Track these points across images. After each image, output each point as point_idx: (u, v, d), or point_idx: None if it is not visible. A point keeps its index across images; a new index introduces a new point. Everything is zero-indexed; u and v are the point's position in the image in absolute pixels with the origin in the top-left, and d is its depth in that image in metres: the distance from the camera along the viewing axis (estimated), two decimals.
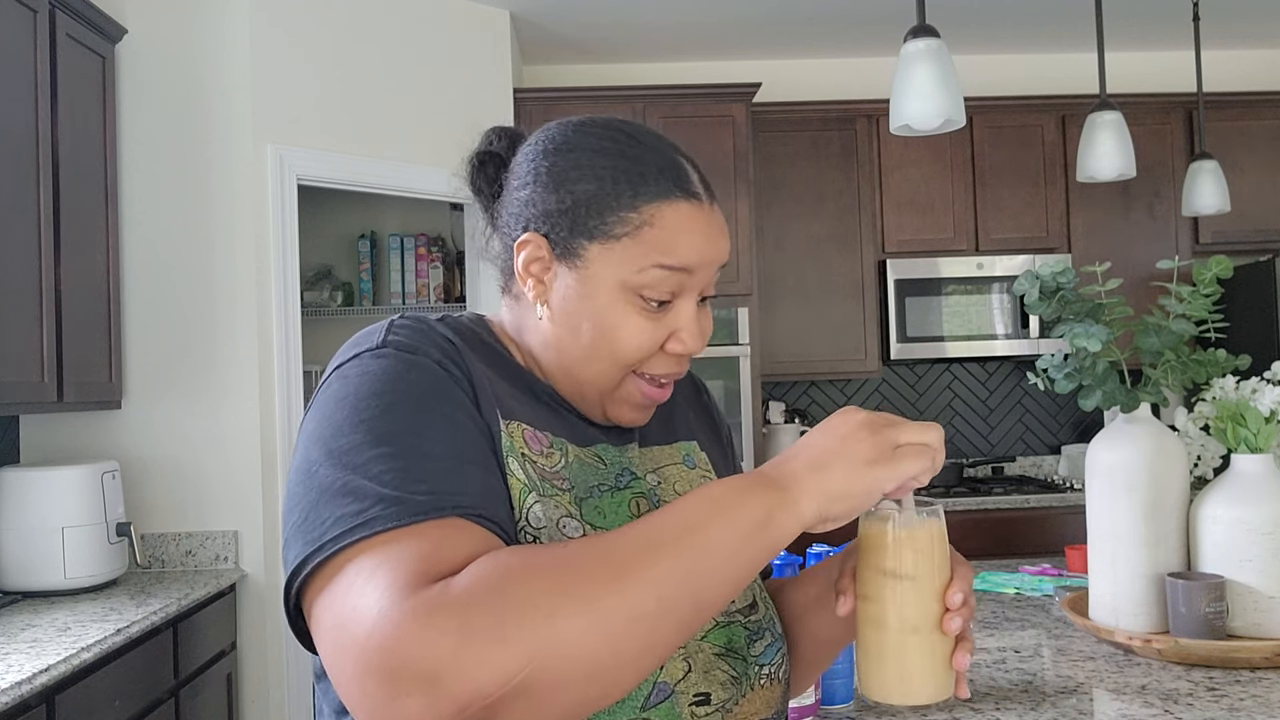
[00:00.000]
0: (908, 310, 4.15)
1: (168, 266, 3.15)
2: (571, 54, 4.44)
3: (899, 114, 2.21)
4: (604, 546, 0.69)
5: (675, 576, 0.68)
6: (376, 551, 0.68)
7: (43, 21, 2.63)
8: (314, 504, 0.73)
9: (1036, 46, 4.53)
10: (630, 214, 0.86)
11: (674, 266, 0.86)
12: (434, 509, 0.71)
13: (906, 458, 0.75)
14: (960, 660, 0.81)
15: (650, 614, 0.67)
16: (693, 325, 0.88)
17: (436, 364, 0.81)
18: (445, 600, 0.65)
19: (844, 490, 0.74)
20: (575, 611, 0.65)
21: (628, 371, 0.88)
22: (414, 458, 0.74)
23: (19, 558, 2.65)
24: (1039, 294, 1.83)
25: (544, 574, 0.66)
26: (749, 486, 0.73)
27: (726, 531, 0.71)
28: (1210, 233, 4.29)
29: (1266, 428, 1.73)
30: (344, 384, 0.80)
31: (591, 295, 0.86)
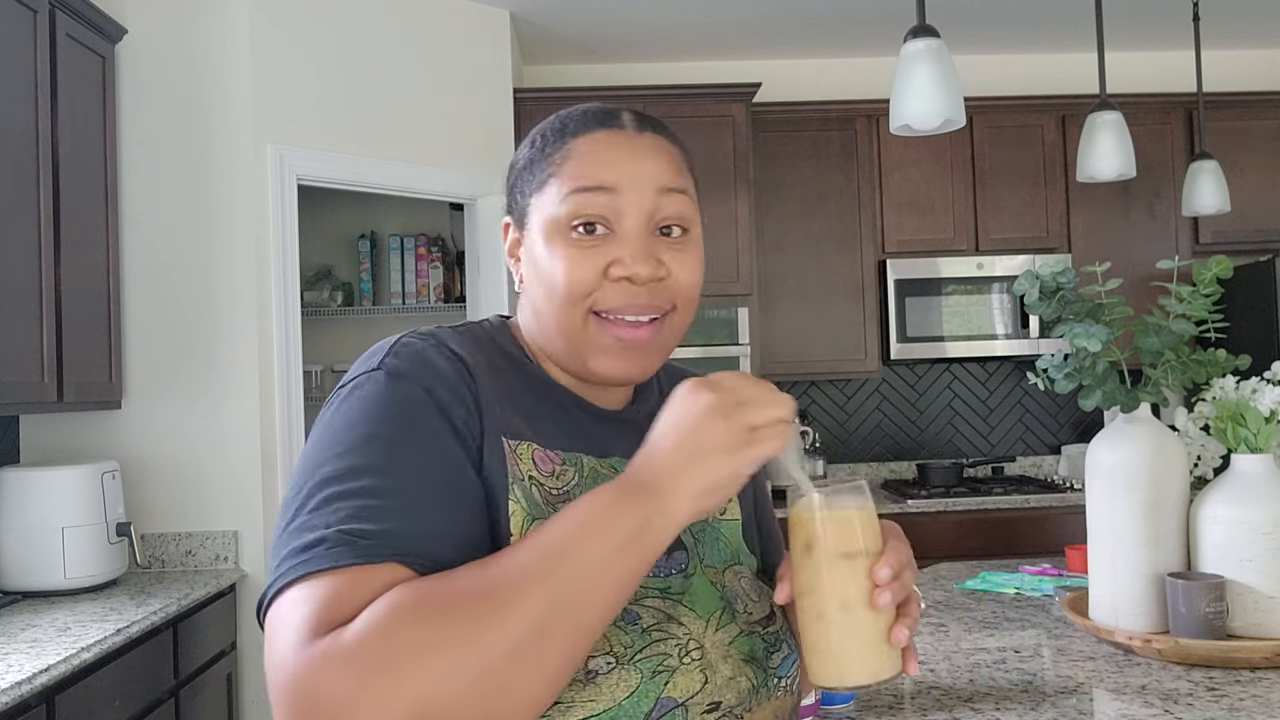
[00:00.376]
0: (908, 310, 4.15)
1: (168, 266, 3.15)
2: (571, 54, 4.44)
3: (899, 114, 2.21)
4: (485, 578, 0.70)
5: (551, 604, 0.69)
6: (303, 592, 0.71)
7: (43, 21, 2.63)
8: (281, 533, 0.76)
9: (1036, 46, 4.53)
10: (553, 155, 0.88)
11: (589, 186, 0.85)
12: (369, 553, 0.72)
13: (764, 440, 0.75)
14: (897, 634, 0.80)
15: (530, 644, 0.68)
16: (635, 247, 0.86)
17: (426, 392, 0.80)
18: (338, 647, 0.67)
19: (710, 486, 0.75)
20: (457, 651, 0.67)
21: (585, 312, 0.86)
22: (370, 496, 0.75)
23: (19, 558, 2.65)
24: (1039, 294, 1.83)
25: (429, 614, 0.68)
26: (619, 499, 0.74)
27: (600, 550, 0.71)
28: (1210, 233, 4.29)
29: (1266, 428, 1.73)
30: (337, 408, 0.82)
31: (536, 244, 0.88)
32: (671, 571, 0.88)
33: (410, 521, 0.75)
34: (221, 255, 3.17)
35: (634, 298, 0.86)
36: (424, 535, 0.75)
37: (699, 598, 0.88)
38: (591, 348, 0.87)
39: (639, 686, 0.79)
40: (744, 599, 0.92)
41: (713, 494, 0.75)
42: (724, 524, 0.97)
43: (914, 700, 1.53)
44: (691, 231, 0.92)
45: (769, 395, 0.76)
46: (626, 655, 0.80)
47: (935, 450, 4.57)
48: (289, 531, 0.75)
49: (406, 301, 4.44)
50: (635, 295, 0.86)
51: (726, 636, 0.87)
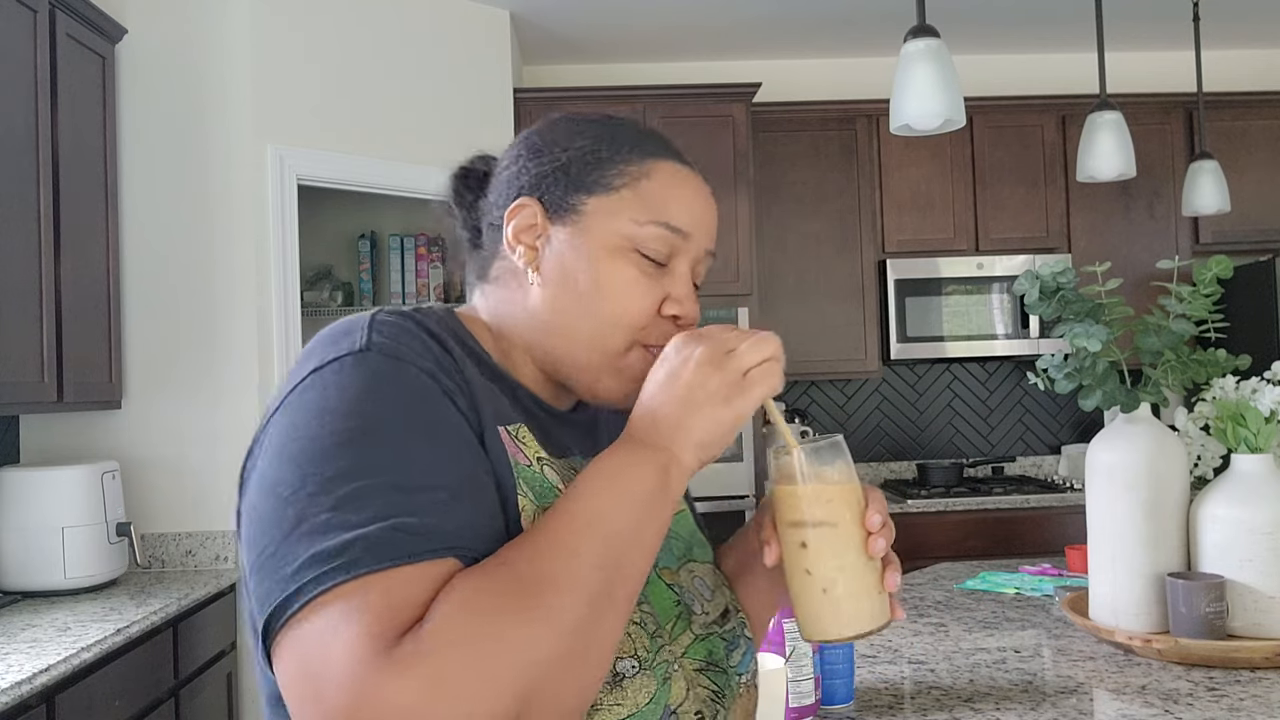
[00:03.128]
0: (908, 310, 4.15)
1: (168, 266, 3.15)
2: (571, 54, 4.44)
3: (899, 114, 2.21)
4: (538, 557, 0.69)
5: (606, 569, 0.70)
6: (349, 598, 0.64)
7: (43, 21, 2.63)
8: (287, 535, 0.67)
9: (1036, 46, 4.53)
10: (628, 166, 0.85)
11: (673, 227, 0.84)
12: (421, 549, 0.66)
13: (758, 382, 0.76)
14: (891, 580, 0.82)
15: (598, 609, 0.69)
16: (690, 290, 0.86)
17: (426, 374, 0.75)
18: (423, 652, 0.62)
19: (712, 436, 0.76)
20: (544, 627, 0.66)
21: (630, 340, 0.84)
22: (399, 489, 0.68)
23: (19, 558, 2.65)
24: (1039, 294, 1.83)
25: (502, 598, 0.65)
26: (634, 456, 0.75)
27: (633, 509, 0.73)
28: (1210, 233, 4.29)
29: (1266, 428, 1.73)
30: (322, 393, 0.73)
31: (590, 248, 0.84)
32: None
33: (447, 514, 0.69)
34: (221, 255, 3.17)
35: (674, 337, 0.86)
36: (463, 528, 0.70)
37: (657, 605, 0.86)
38: (615, 372, 0.85)
39: (655, 692, 0.79)
40: (700, 598, 0.90)
41: (714, 444, 0.76)
42: (678, 516, 0.95)
43: (914, 700, 1.53)
44: None
45: (755, 338, 0.78)
46: (648, 659, 0.80)
47: (935, 450, 4.57)
48: (299, 535, 0.66)
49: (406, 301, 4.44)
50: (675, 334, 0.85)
51: (678, 648, 0.85)
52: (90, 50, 2.91)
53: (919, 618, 2.03)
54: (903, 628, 1.96)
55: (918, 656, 1.76)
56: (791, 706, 1.44)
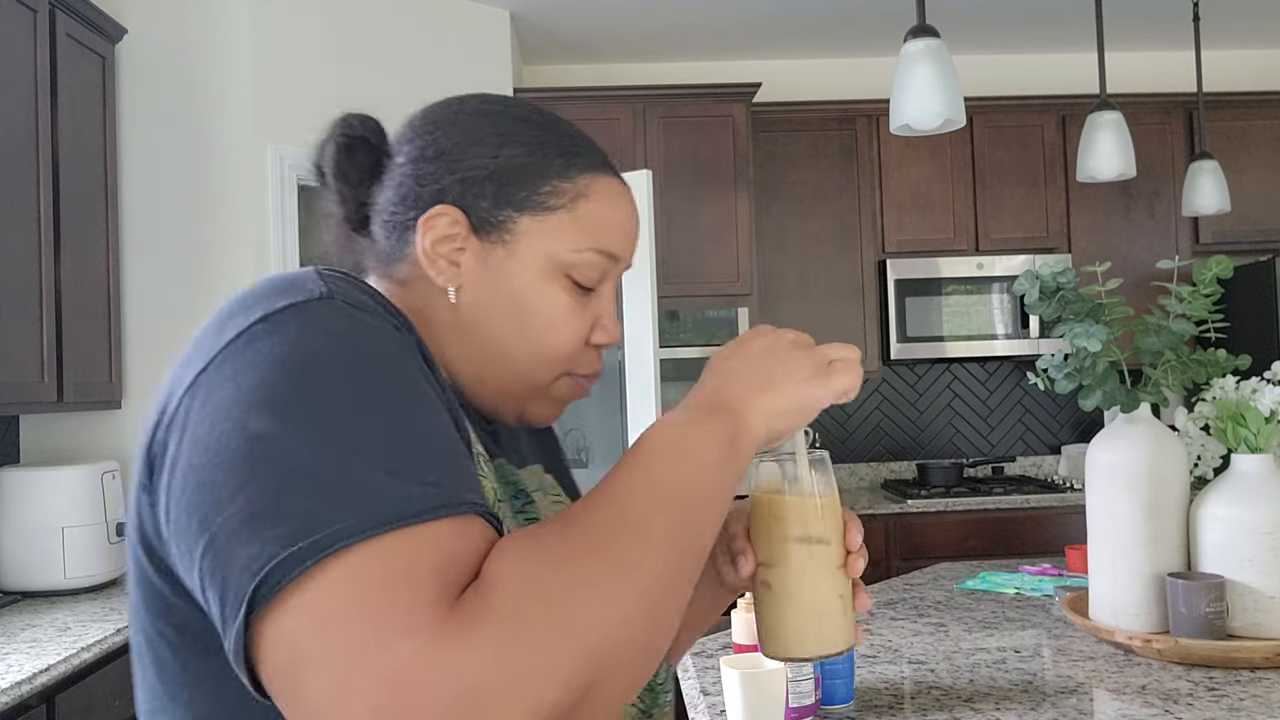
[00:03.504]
0: (908, 310, 4.15)
1: (168, 266, 3.15)
2: (571, 54, 4.44)
3: (899, 114, 2.21)
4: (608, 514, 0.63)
5: (680, 529, 0.65)
6: (386, 557, 0.55)
7: (43, 21, 2.63)
8: (278, 489, 0.56)
9: (1036, 46, 4.53)
10: (565, 184, 0.79)
11: (610, 253, 0.80)
12: (447, 503, 0.59)
13: (840, 372, 0.76)
14: (863, 602, 0.81)
15: (673, 569, 0.64)
16: (614, 314, 0.83)
17: (396, 329, 0.67)
18: (487, 611, 0.55)
19: (789, 407, 0.75)
20: (617, 581, 0.60)
21: (560, 371, 0.80)
22: (409, 438, 0.60)
23: (19, 558, 2.64)
24: (1039, 294, 1.83)
25: (574, 553, 0.59)
26: (705, 420, 0.71)
27: (705, 469, 0.69)
28: (1210, 233, 4.29)
29: (1266, 428, 1.73)
30: (285, 338, 0.61)
31: (519, 272, 0.77)
32: None
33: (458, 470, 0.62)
34: (221, 255, 3.17)
35: (600, 361, 0.84)
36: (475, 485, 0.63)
37: None
38: (543, 400, 0.82)
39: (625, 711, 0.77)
40: None
41: (787, 416, 0.75)
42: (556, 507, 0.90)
43: (914, 700, 1.53)
44: None
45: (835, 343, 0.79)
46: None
47: (935, 450, 4.57)
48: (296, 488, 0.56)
49: None
50: (600, 359, 0.84)
51: None
52: (90, 50, 2.91)
53: (919, 618, 2.03)
54: (903, 628, 1.96)
55: (918, 656, 1.76)
56: (791, 707, 1.44)
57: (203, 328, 0.67)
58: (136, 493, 0.66)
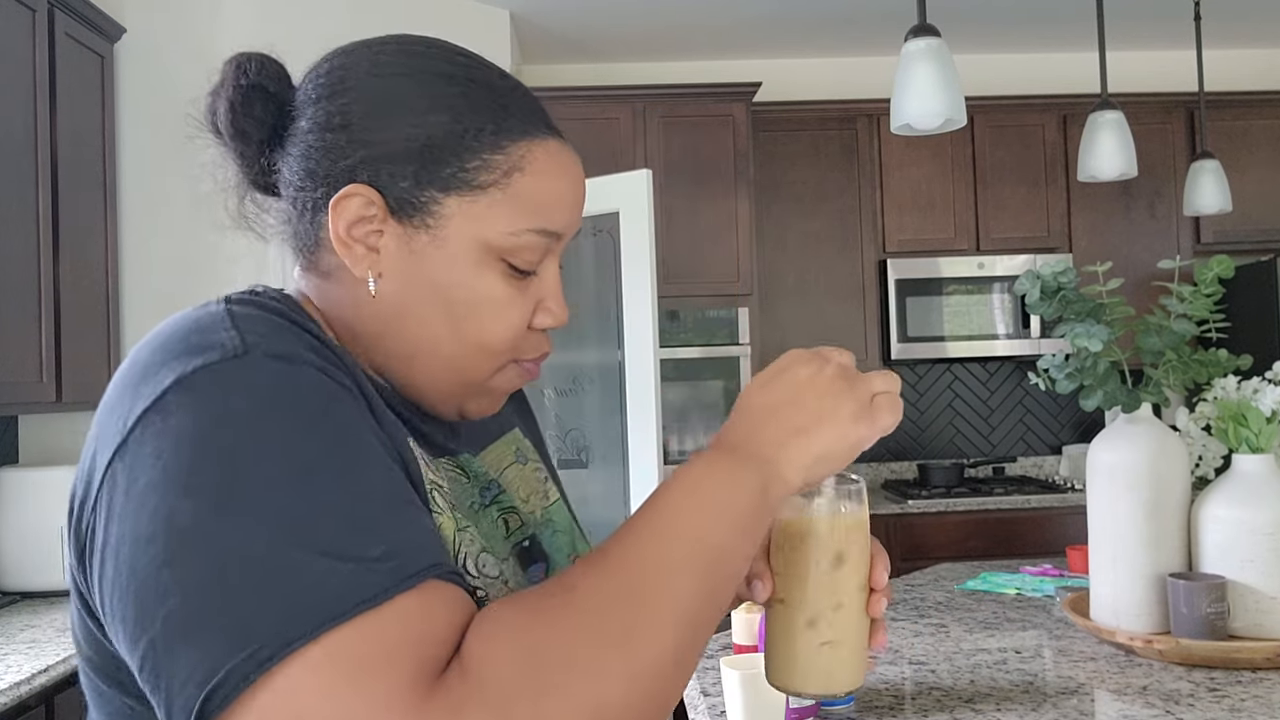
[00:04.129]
0: (908, 310, 4.15)
1: (167, 266, 3.14)
2: (571, 54, 4.44)
3: (900, 113, 2.20)
4: (614, 579, 0.59)
5: (694, 594, 0.61)
6: (345, 646, 0.51)
7: (41, 20, 2.63)
8: (213, 588, 0.52)
9: (1037, 46, 4.53)
10: (496, 156, 0.69)
11: (550, 231, 0.71)
12: (402, 578, 0.55)
13: (884, 410, 0.69)
14: (880, 641, 0.76)
15: (682, 639, 0.59)
16: (558, 292, 0.74)
17: (324, 374, 0.61)
18: (470, 688, 0.53)
19: (831, 452, 0.68)
20: (615, 663, 0.56)
21: (501, 362, 0.73)
22: (348, 510, 0.56)
23: (18, 558, 2.64)
24: (1040, 294, 1.83)
25: (567, 628, 0.56)
26: (735, 471, 0.65)
27: (730, 527, 0.64)
28: (1211, 232, 4.28)
29: (1268, 428, 1.72)
30: (203, 412, 0.56)
31: (447, 262, 0.69)
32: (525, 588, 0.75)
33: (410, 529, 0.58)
34: (220, 255, 3.17)
35: (547, 344, 0.76)
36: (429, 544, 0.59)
37: None
38: (485, 391, 0.74)
39: None
40: None
41: (827, 462, 0.68)
42: (551, 508, 0.85)
43: (914, 700, 1.52)
44: None
45: (878, 372, 0.72)
46: None
47: (936, 450, 4.56)
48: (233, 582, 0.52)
49: None
50: (547, 341, 0.76)
51: None
52: (89, 49, 2.91)
53: (920, 618, 2.03)
54: (903, 628, 1.95)
55: (918, 657, 1.75)
56: (791, 707, 1.43)
57: (114, 385, 0.62)
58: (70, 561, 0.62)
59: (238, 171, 0.75)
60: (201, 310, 0.64)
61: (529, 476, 0.84)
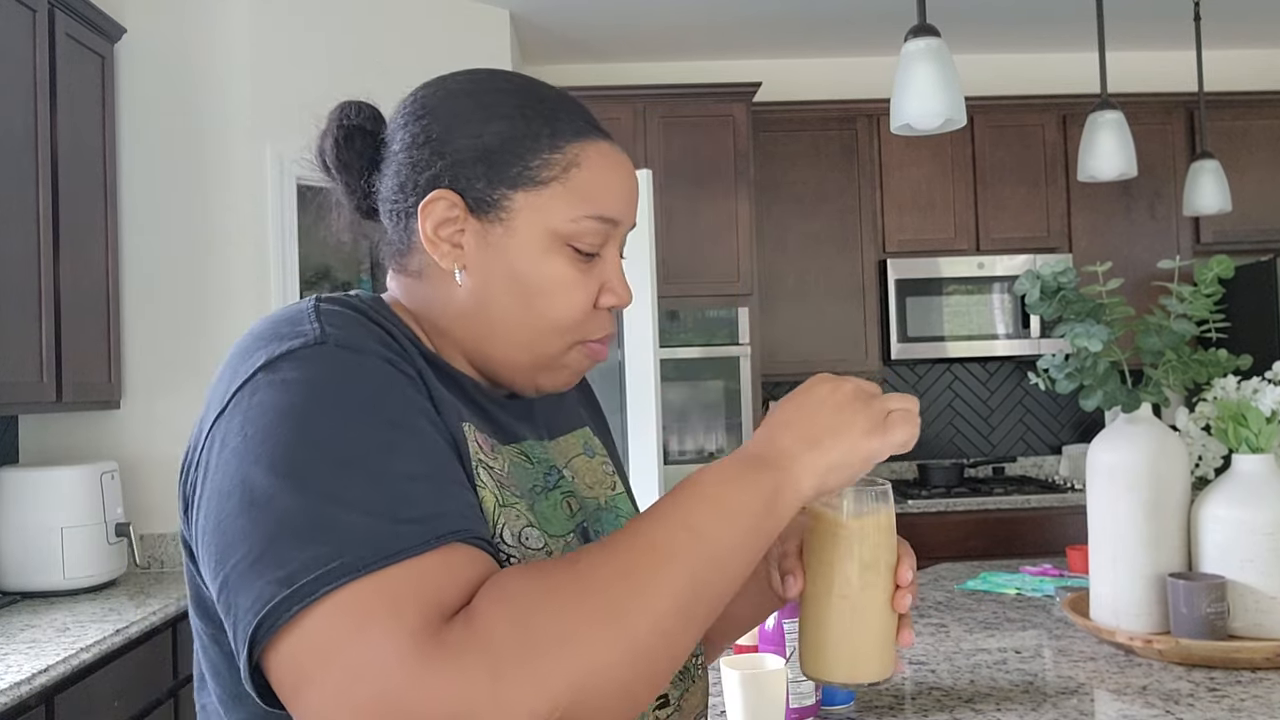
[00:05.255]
0: (908, 310, 4.15)
1: (167, 266, 3.14)
2: (571, 54, 4.44)
3: (899, 113, 2.20)
4: (616, 559, 0.66)
5: (692, 581, 0.67)
6: (370, 595, 0.60)
7: (42, 21, 2.63)
8: (273, 538, 0.62)
9: (1037, 46, 4.53)
10: (555, 155, 0.79)
11: (607, 218, 0.80)
12: (427, 538, 0.63)
13: (897, 425, 0.75)
14: (906, 637, 0.82)
15: (673, 622, 0.66)
16: (621, 275, 0.83)
17: (387, 362, 0.72)
18: (468, 639, 0.60)
19: (843, 462, 0.74)
20: (605, 635, 0.62)
21: (571, 340, 0.82)
22: (391, 479, 0.65)
23: (18, 558, 2.64)
24: (1040, 294, 1.83)
25: (565, 597, 0.63)
26: (747, 473, 0.72)
27: (735, 526, 0.70)
28: (1211, 232, 4.28)
29: (1268, 428, 1.72)
30: (283, 390, 0.67)
31: (520, 248, 0.79)
32: None
33: (446, 500, 0.67)
34: (220, 255, 3.17)
35: (611, 325, 0.84)
36: (464, 511, 0.68)
37: None
38: (557, 369, 0.83)
39: None
40: None
41: (840, 471, 0.74)
42: (616, 497, 0.93)
43: (914, 700, 1.52)
44: None
45: (897, 393, 0.78)
46: None
47: (936, 450, 4.56)
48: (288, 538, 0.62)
49: None
50: (612, 322, 0.84)
51: None
52: (89, 50, 2.91)
53: (920, 618, 2.03)
54: None
55: (918, 657, 1.75)
56: (792, 707, 1.43)
57: (223, 364, 0.74)
58: (181, 519, 0.75)
59: (347, 203, 0.86)
60: (295, 306, 0.75)
61: (595, 468, 0.93)
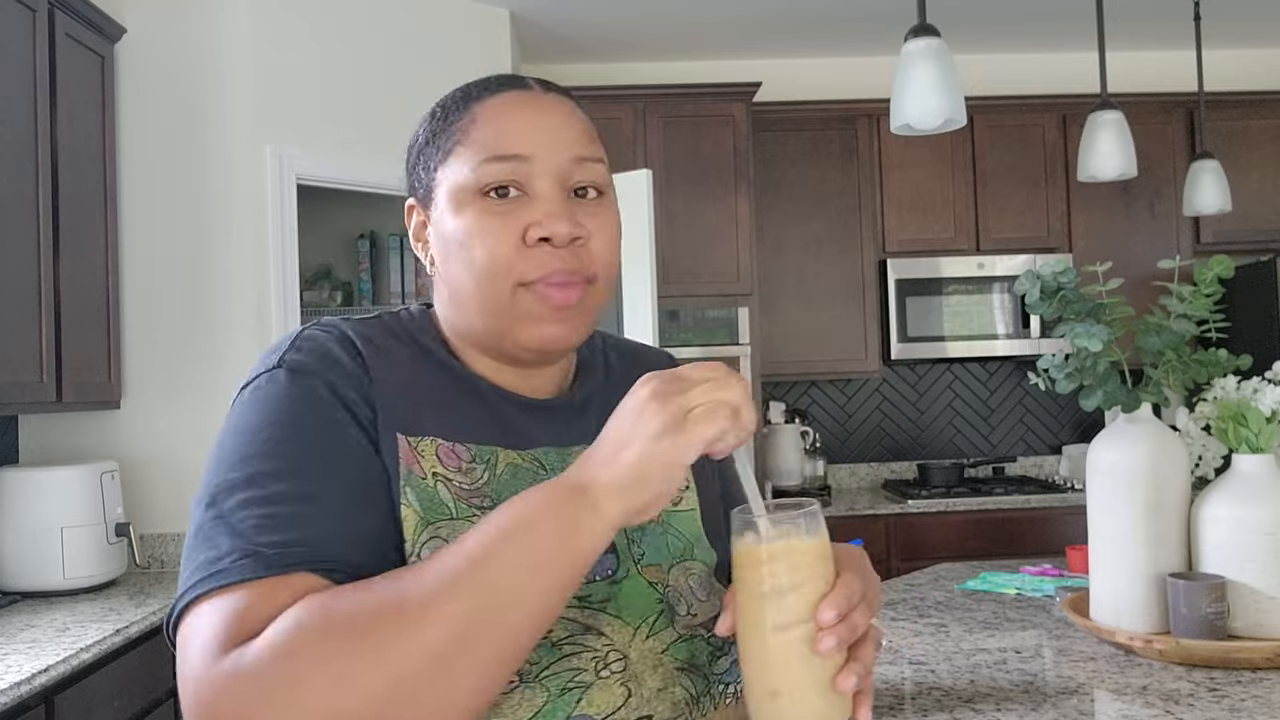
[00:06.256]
0: (908, 310, 4.15)
1: (167, 266, 3.14)
2: (571, 54, 4.44)
3: (899, 113, 2.20)
4: (400, 588, 0.66)
5: (467, 616, 0.65)
6: (213, 606, 0.69)
7: (42, 21, 2.63)
8: (191, 544, 0.74)
9: (1037, 46, 4.53)
10: (456, 124, 0.85)
11: (504, 155, 0.81)
12: (280, 564, 0.70)
13: (700, 421, 0.68)
14: (843, 681, 0.71)
15: (443, 658, 0.64)
16: (554, 209, 0.81)
17: (327, 386, 0.78)
18: (242, 666, 0.65)
19: (638, 475, 0.67)
20: (366, 668, 0.63)
21: (512, 285, 0.81)
22: (271, 502, 0.72)
23: (18, 558, 2.64)
24: (1040, 294, 1.83)
25: (334, 628, 0.65)
26: (550, 499, 0.68)
27: (523, 557, 0.66)
28: (1211, 232, 4.28)
29: (1268, 428, 1.72)
30: (240, 412, 0.79)
31: (443, 217, 0.84)
32: (595, 578, 0.82)
33: (321, 527, 0.72)
34: (221, 255, 3.17)
35: (560, 261, 0.81)
36: (336, 540, 0.72)
37: (629, 603, 0.82)
38: (522, 319, 0.82)
39: (544, 706, 0.75)
40: (689, 599, 0.85)
41: (640, 487, 0.68)
42: (677, 515, 0.91)
43: (914, 700, 1.52)
44: (607, 195, 0.87)
45: (718, 378, 0.70)
46: (531, 673, 0.75)
47: (936, 450, 4.57)
48: (196, 541, 0.73)
49: (406, 301, 4.44)
50: (559, 259, 0.81)
51: (659, 644, 0.81)
52: (89, 50, 2.91)
53: (919, 618, 2.03)
54: (903, 628, 1.95)
55: (918, 657, 1.75)
56: None
57: None
58: None
59: None
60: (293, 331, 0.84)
61: None
